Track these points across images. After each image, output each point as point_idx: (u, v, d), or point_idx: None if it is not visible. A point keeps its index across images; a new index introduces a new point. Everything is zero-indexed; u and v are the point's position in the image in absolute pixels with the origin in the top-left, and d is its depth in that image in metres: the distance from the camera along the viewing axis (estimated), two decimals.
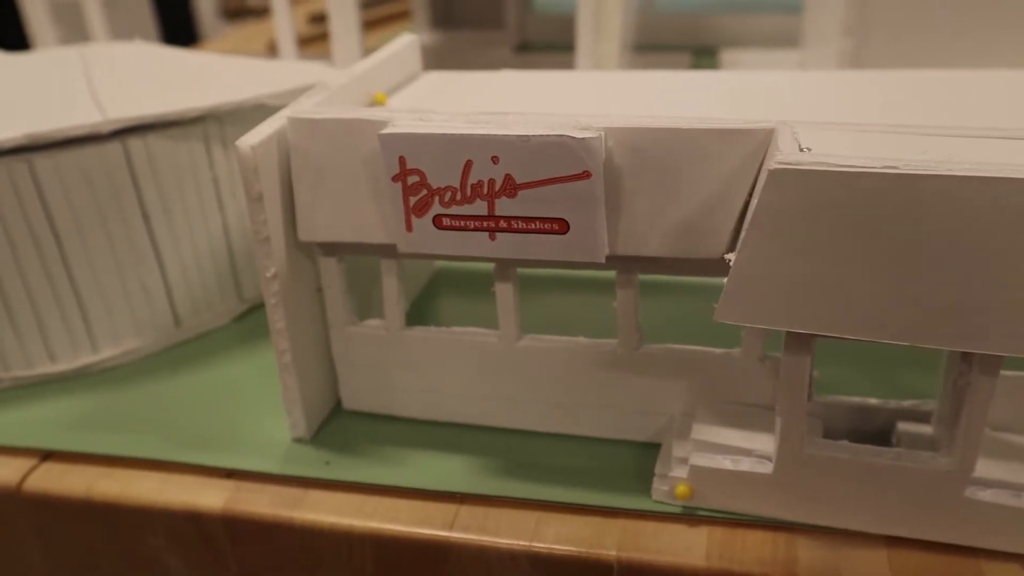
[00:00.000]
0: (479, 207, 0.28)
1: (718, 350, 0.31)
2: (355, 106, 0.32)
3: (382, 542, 0.30)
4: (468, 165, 0.28)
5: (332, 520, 0.31)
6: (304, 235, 0.32)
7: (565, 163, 0.27)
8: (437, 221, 0.29)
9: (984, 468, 0.27)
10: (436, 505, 0.31)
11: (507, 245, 0.29)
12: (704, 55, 0.80)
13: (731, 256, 0.26)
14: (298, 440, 0.34)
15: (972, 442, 0.26)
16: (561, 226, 0.28)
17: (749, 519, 0.29)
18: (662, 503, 0.30)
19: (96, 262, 0.38)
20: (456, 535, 0.30)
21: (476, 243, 0.29)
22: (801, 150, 0.24)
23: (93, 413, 0.37)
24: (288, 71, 0.44)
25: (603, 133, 0.27)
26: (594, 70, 0.53)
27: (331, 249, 0.33)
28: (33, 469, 0.34)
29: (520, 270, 0.32)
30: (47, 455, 0.35)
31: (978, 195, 0.22)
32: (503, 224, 0.28)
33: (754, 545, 0.29)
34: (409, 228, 0.29)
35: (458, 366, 0.33)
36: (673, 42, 0.83)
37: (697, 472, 0.29)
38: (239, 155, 0.29)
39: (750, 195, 0.27)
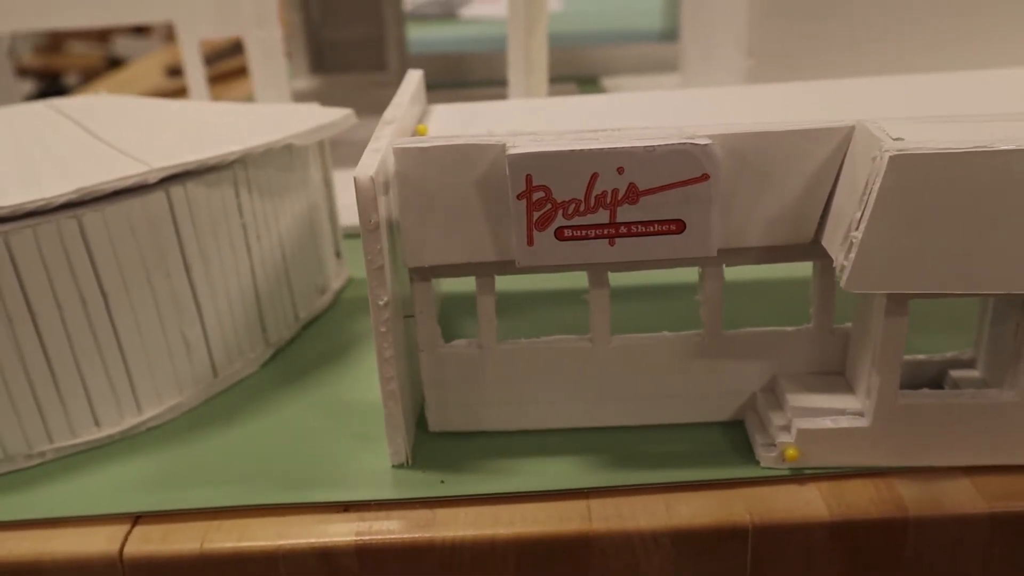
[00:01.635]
0: (601, 216, 0.31)
1: (791, 328, 0.35)
2: (456, 134, 0.33)
3: (526, 545, 0.32)
4: (594, 178, 0.30)
5: (474, 533, 0.32)
6: (412, 261, 0.33)
7: (686, 168, 0.30)
8: (559, 233, 0.31)
9: None
10: (566, 504, 0.33)
11: (626, 249, 0.31)
12: (587, 83, 0.86)
13: (831, 239, 0.29)
14: (398, 466, 0.35)
15: None
16: (678, 226, 0.31)
17: (849, 470, 0.33)
18: (771, 468, 0.33)
19: (141, 317, 0.37)
20: (598, 527, 0.32)
21: (596, 250, 0.31)
22: (895, 140, 0.29)
23: (166, 470, 0.35)
24: (291, 112, 0.44)
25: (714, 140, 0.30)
26: (563, 96, 0.56)
27: (426, 273, 0.34)
28: (128, 535, 0.33)
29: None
30: (136, 519, 0.33)
31: None
32: (623, 230, 0.31)
33: (861, 492, 0.32)
34: (531, 242, 0.31)
35: (550, 374, 0.35)
36: (558, 73, 0.88)
37: (803, 435, 0.33)
38: (358, 186, 0.30)
39: (834, 186, 0.31)
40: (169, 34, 1.28)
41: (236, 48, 1.04)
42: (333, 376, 0.41)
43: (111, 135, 0.39)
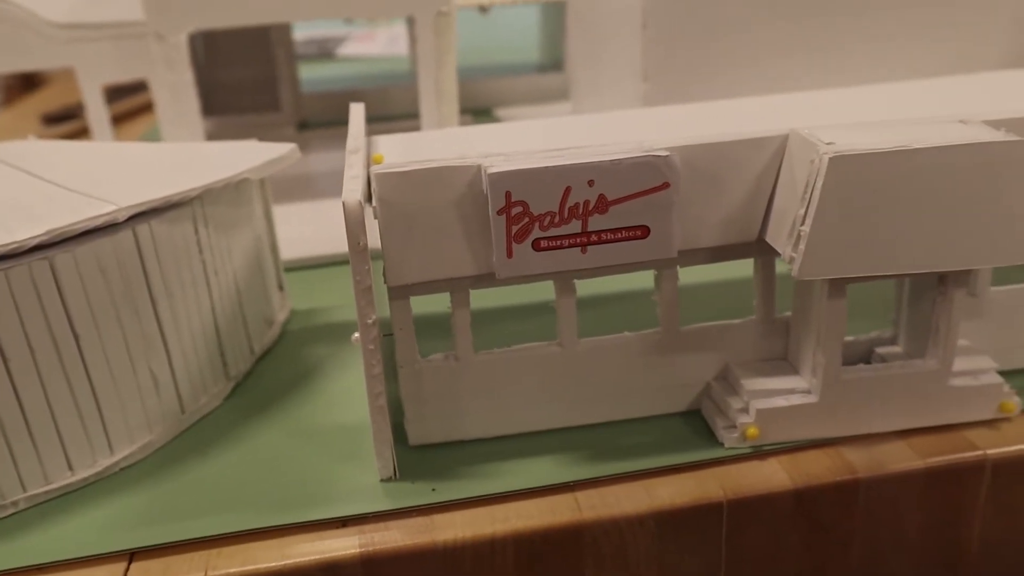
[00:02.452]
0: (574, 226, 0.33)
1: (738, 320, 0.38)
2: (437, 157, 0.35)
3: (523, 539, 0.34)
4: (567, 191, 0.33)
5: (473, 533, 0.33)
6: (394, 280, 0.34)
7: (649, 178, 0.33)
8: (536, 244, 0.33)
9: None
10: (555, 498, 0.35)
11: (596, 256, 0.34)
12: (481, 114, 0.89)
13: (773, 236, 0.33)
14: (387, 480, 0.36)
15: (951, 344, 0.36)
16: (643, 232, 0.34)
17: (803, 443, 0.37)
18: (735, 448, 0.36)
19: (111, 356, 0.37)
20: (588, 515, 0.34)
21: (569, 258, 0.34)
22: (828, 144, 0.33)
23: (153, 506, 0.35)
24: (235, 148, 0.45)
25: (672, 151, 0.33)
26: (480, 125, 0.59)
27: (405, 292, 0.35)
28: (127, 572, 0.33)
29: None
30: (132, 557, 0.33)
31: (958, 157, 0.32)
32: (594, 238, 0.34)
33: (816, 461, 0.36)
34: (510, 255, 0.33)
35: (525, 380, 0.37)
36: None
37: (761, 414, 0.36)
38: (347, 210, 0.32)
39: (774, 188, 0.35)
40: (27, 82, 1.23)
41: (116, 93, 1.02)
42: (297, 403, 0.42)
43: (62, 178, 0.39)
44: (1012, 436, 0.37)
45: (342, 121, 0.90)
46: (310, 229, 0.61)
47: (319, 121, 0.92)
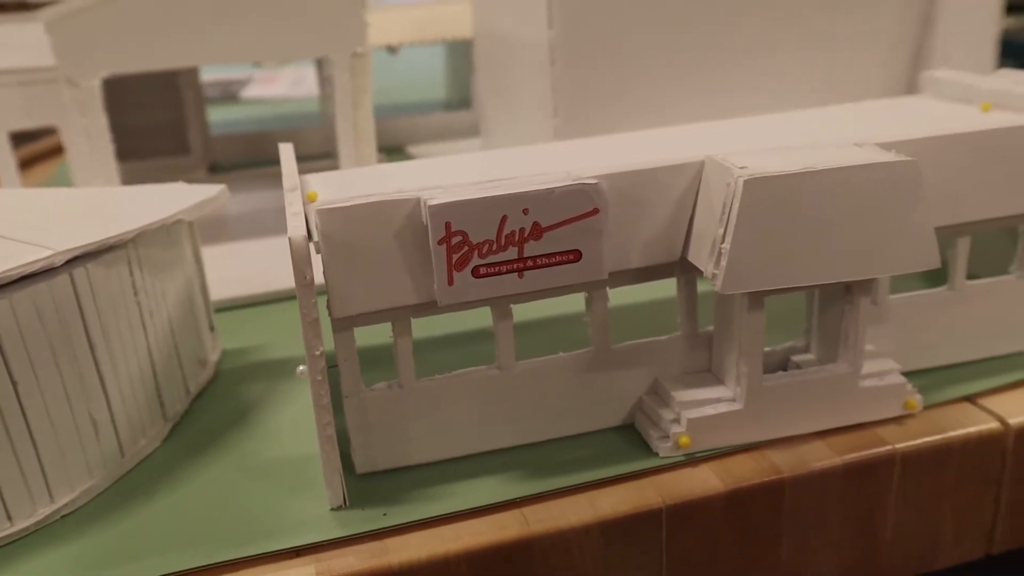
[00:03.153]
0: (511, 253, 0.35)
1: (664, 337, 0.41)
2: (373, 192, 0.36)
3: (475, 556, 0.35)
4: (504, 219, 0.34)
5: (428, 553, 0.34)
6: (339, 312, 0.35)
7: (580, 204, 0.35)
8: (475, 271, 0.35)
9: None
10: (504, 515, 0.36)
11: (533, 280, 0.36)
12: (393, 152, 0.90)
13: (694, 255, 0.36)
14: (337, 509, 0.37)
15: (860, 349, 0.39)
16: (576, 255, 0.36)
17: (731, 449, 0.39)
18: (669, 457, 0.39)
19: (50, 402, 0.36)
20: (536, 529, 0.35)
21: (507, 284, 0.35)
22: (741, 168, 0.35)
23: (100, 550, 0.35)
24: (162, 191, 0.45)
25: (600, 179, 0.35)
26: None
27: (348, 323, 0.37)
28: None
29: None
30: None
31: (857, 176, 0.35)
32: (530, 263, 0.35)
33: (744, 465, 0.38)
34: (451, 283, 0.35)
35: (466, 403, 0.39)
36: None
37: (692, 423, 0.38)
38: (293, 246, 0.33)
39: (694, 210, 0.38)
40: None
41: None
42: (239, 440, 0.42)
43: (5, 226, 0.39)
44: (917, 430, 0.40)
45: (253, 163, 0.90)
46: (233, 270, 0.61)
47: (229, 163, 0.92)
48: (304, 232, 0.33)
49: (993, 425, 0.40)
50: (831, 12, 0.62)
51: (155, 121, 0.89)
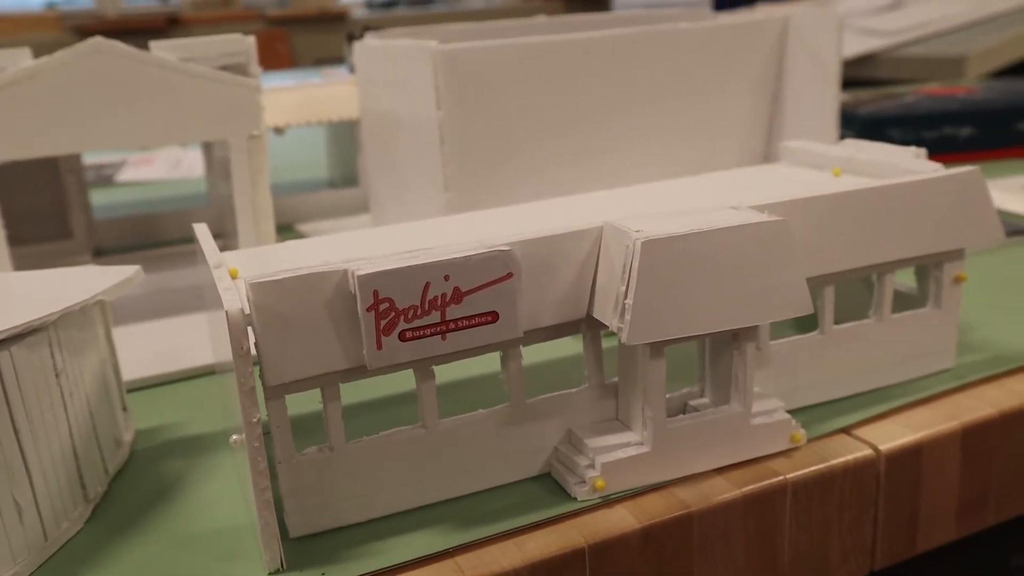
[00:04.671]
0: (434, 317, 0.38)
1: (574, 389, 0.44)
2: (298, 265, 0.38)
3: None
4: (427, 286, 0.37)
5: None
6: (273, 380, 0.37)
7: (496, 269, 0.38)
8: (402, 335, 0.37)
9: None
10: (438, 564, 0.38)
11: (455, 341, 0.38)
12: (283, 230, 0.92)
13: (601, 312, 0.39)
14: (274, 573, 0.38)
15: (749, 389, 0.43)
16: (493, 317, 0.39)
17: (641, 489, 0.42)
18: (587, 499, 0.41)
19: None
20: (471, 575, 0.38)
21: (432, 346, 0.38)
22: (637, 231, 0.39)
23: None
24: (75, 274, 0.46)
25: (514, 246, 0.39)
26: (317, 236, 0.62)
27: (280, 391, 0.38)
28: None
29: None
30: None
31: (739, 235, 0.40)
32: (452, 325, 0.38)
33: (655, 502, 0.42)
34: (379, 347, 0.37)
35: (394, 462, 0.41)
36: None
37: (606, 467, 0.41)
38: (230, 318, 0.34)
39: (596, 271, 0.41)
40: None
41: None
42: (162, 517, 0.43)
43: None
44: (803, 461, 0.44)
45: (137, 247, 0.90)
46: (137, 351, 0.61)
47: (114, 247, 0.91)
48: (240, 305, 0.35)
49: (867, 452, 0.45)
50: (689, 99, 0.68)
51: (36, 206, 0.88)
